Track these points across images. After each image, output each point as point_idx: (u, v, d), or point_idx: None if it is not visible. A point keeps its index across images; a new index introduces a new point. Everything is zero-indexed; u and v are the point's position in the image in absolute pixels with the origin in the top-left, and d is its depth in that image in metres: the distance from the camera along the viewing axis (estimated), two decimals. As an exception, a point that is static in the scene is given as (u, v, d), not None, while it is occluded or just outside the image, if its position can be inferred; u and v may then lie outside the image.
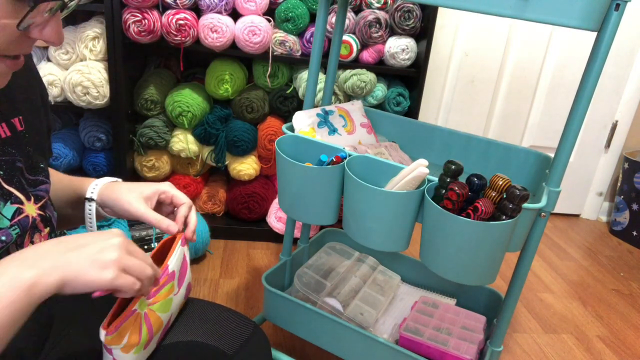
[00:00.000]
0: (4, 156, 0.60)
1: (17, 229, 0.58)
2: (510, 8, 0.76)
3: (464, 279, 0.89)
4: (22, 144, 0.63)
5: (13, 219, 0.58)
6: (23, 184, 0.61)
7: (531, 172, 1.10)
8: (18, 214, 0.59)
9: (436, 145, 1.22)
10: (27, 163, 0.63)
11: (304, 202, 1.02)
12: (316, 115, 1.11)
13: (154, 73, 1.71)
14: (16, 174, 0.61)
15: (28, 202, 0.61)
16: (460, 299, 1.30)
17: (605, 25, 0.76)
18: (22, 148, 0.63)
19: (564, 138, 0.85)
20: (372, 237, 0.94)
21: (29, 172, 0.63)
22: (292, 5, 1.54)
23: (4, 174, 0.59)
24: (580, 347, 1.51)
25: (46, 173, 0.67)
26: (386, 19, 1.60)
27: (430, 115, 2.16)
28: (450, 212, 0.82)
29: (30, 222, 0.61)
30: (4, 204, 0.58)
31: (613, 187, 2.37)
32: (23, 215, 0.60)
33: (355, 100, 1.27)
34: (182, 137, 1.66)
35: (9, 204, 0.59)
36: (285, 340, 1.36)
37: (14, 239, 0.58)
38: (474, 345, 1.06)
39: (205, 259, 1.69)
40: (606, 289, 1.84)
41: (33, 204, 0.62)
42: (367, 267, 1.35)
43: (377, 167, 0.95)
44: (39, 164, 0.66)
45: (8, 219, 0.58)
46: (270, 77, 1.64)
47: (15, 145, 0.62)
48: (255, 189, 1.76)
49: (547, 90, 2.16)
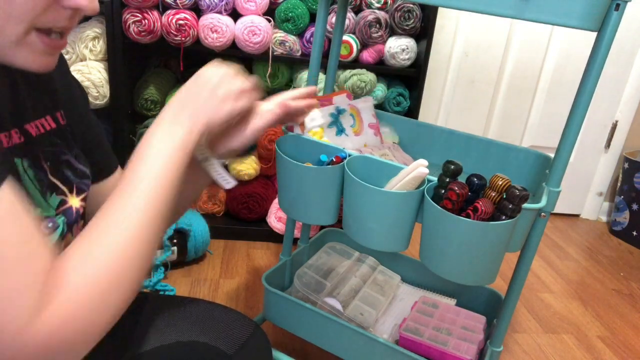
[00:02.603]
0: (50, 147, 0.61)
1: (62, 217, 0.60)
2: (510, 8, 0.76)
3: (464, 279, 0.89)
4: (67, 136, 0.64)
5: (58, 209, 0.59)
6: (69, 176, 0.62)
7: (531, 172, 1.10)
8: (62, 204, 0.60)
9: (436, 145, 1.22)
10: (72, 154, 0.64)
11: (304, 202, 1.02)
12: (329, 116, 1.11)
13: (154, 73, 1.71)
14: (61, 166, 0.62)
15: (71, 194, 0.62)
16: (460, 299, 1.29)
17: (605, 25, 0.76)
18: (67, 140, 0.64)
19: (564, 138, 0.85)
20: (372, 237, 0.94)
21: (78, 161, 0.65)
22: (292, 5, 1.54)
23: (51, 164, 0.60)
24: (580, 347, 1.51)
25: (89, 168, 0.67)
26: (386, 19, 1.60)
27: (430, 115, 2.16)
28: (450, 212, 0.82)
29: (74, 213, 0.62)
30: (50, 194, 0.59)
31: (613, 187, 2.37)
32: (67, 205, 0.61)
33: (367, 97, 1.27)
34: (182, 137, 1.66)
35: (55, 195, 0.60)
36: (285, 340, 1.36)
37: (60, 227, 0.59)
38: (474, 346, 1.06)
39: (205, 259, 1.69)
40: (606, 289, 1.84)
41: (75, 195, 0.63)
42: (367, 267, 1.35)
43: (377, 167, 0.95)
44: (82, 155, 0.67)
45: (54, 208, 0.59)
46: (270, 77, 1.64)
47: (61, 137, 0.63)
48: (255, 189, 1.76)
49: (547, 90, 2.16)
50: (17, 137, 0.57)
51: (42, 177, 0.58)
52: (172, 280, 1.55)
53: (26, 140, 0.58)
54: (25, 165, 0.56)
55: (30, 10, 0.46)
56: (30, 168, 0.57)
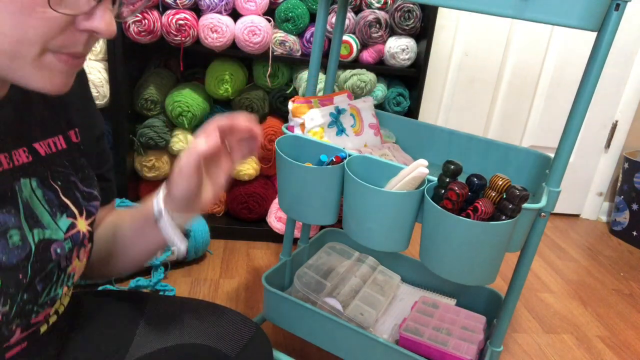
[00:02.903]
0: (61, 168, 0.60)
1: (69, 243, 0.59)
2: (510, 8, 0.76)
3: (464, 279, 0.89)
4: (76, 156, 0.63)
5: (67, 233, 0.58)
6: (78, 198, 0.61)
7: (531, 172, 1.10)
8: (71, 228, 0.59)
9: (436, 145, 1.22)
10: (81, 176, 0.63)
11: (304, 202, 1.02)
12: (329, 115, 1.11)
13: (154, 73, 1.71)
14: (71, 187, 0.61)
15: (80, 217, 0.61)
16: (460, 299, 1.29)
17: (605, 25, 0.76)
18: (75, 161, 0.63)
19: (564, 138, 0.85)
20: (372, 237, 0.94)
21: (84, 184, 0.63)
22: (292, 5, 1.54)
23: (62, 184, 0.60)
24: (580, 347, 1.51)
25: (98, 189, 0.66)
26: (386, 19, 1.60)
27: (430, 115, 2.16)
28: (450, 212, 0.82)
29: (80, 238, 0.61)
30: (60, 215, 0.58)
31: (613, 187, 2.37)
32: (75, 230, 0.60)
33: (367, 97, 1.27)
34: (182, 137, 1.66)
35: (65, 217, 0.59)
36: (285, 340, 1.36)
37: (66, 253, 0.58)
38: (474, 346, 1.06)
39: (205, 259, 1.69)
40: (606, 289, 1.84)
41: (84, 219, 0.62)
42: (367, 267, 1.35)
43: (377, 167, 0.95)
44: (92, 176, 0.66)
45: (63, 231, 0.58)
46: (270, 77, 1.64)
47: (70, 158, 0.62)
48: (255, 189, 1.76)
49: (547, 90, 2.16)
50: (25, 156, 0.56)
51: (52, 197, 0.58)
52: (172, 280, 1.55)
53: (34, 159, 0.57)
54: (33, 185, 0.56)
55: (44, 33, 0.45)
56: (39, 188, 0.56)
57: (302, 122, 1.09)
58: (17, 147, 0.55)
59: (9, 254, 0.51)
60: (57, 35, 0.45)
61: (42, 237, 0.55)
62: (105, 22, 0.47)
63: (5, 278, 0.51)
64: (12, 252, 0.51)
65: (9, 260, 0.51)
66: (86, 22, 0.46)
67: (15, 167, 0.54)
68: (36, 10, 0.43)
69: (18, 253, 0.52)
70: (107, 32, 0.47)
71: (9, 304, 0.52)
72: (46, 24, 0.44)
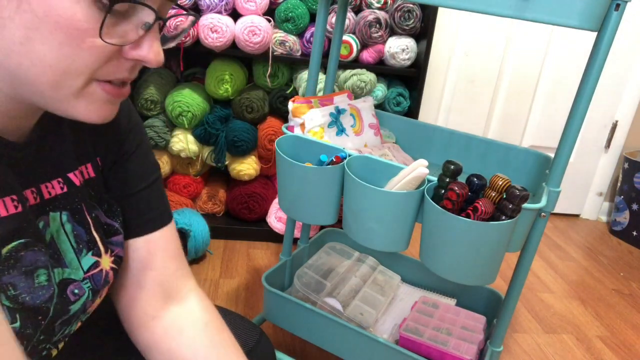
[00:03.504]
0: (90, 200, 0.57)
1: (88, 283, 0.55)
2: (510, 8, 0.76)
3: (464, 279, 0.89)
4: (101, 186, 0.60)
5: (87, 272, 0.55)
6: (102, 234, 0.58)
7: (531, 172, 1.10)
8: (94, 267, 0.56)
9: (436, 145, 1.22)
10: (106, 207, 0.60)
11: (304, 202, 1.02)
12: (329, 115, 1.11)
13: (153, 73, 1.71)
14: (97, 221, 0.58)
15: (105, 254, 0.58)
16: (460, 299, 1.29)
17: (605, 25, 0.76)
18: (101, 191, 0.60)
19: (564, 138, 0.85)
20: (372, 237, 0.94)
21: (107, 215, 0.60)
22: (292, 5, 1.54)
23: (94, 216, 0.57)
24: (580, 347, 1.51)
25: (120, 220, 0.61)
26: (386, 19, 1.59)
27: (430, 115, 2.16)
28: (450, 212, 0.82)
29: (103, 277, 0.57)
30: (85, 252, 0.55)
31: (613, 187, 2.37)
32: (98, 269, 0.56)
33: (367, 97, 1.27)
34: (182, 137, 1.66)
35: (90, 255, 0.56)
36: (285, 340, 1.36)
37: (86, 294, 0.55)
38: (473, 346, 1.06)
39: (205, 259, 1.69)
40: (606, 289, 1.84)
41: (108, 256, 0.58)
42: (367, 267, 1.35)
43: (377, 167, 0.95)
44: (116, 207, 0.61)
45: (84, 270, 0.55)
46: (270, 77, 1.64)
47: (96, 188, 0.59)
48: (255, 189, 1.76)
49: (547, 90, 2.16)
50: (60, 187, 0.53)
51: (82, 232, 0.55)
52: (172, 280, 1.55)
53: (69, 189, 0.54)
54: (64, 219, 0.53)
55: (92, 62, 0.42)
56: (68, 222, 0.54)
57: (302, 122, 1.09)
58: (49, 179, 0.53)
59: (33, 294, 0.48)
60: (104, 65, 0.43)
61: (62, 277, 0.52)
62: (154, 51, 0.45)
63: (25, 319, 0.48)
64: (36, 292, 0.48)
65: (32, 300, 0.48)
66: (134, 51, 0.44)
67: (44, 200, 0.52)
68: (85, 41, 0.41)
69: (42, 294, 0.49)
70: (155, 61, 0.45)
71: (24, 345, 0.49)
72: (94, 55, 0.42)
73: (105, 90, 0.45)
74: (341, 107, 1.14)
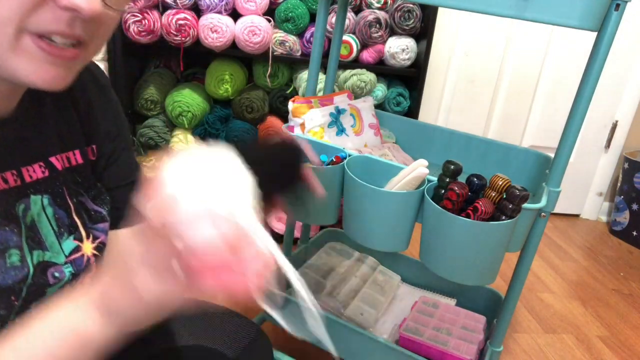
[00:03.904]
0: (74, 185, 0.57)
1: (70, 267, 0.55)
2: (510, 8, 0.76)
3: (464, 279, 0.89)
4: (89, 173, 0.60)
5: (69, 256, 0.55)
6: (85, 219, 0.58)
7: (531, 172, 1.10)
8: (75, 251, 0.56)
9: (436, 145, 1.22)
10: (93, 193, 0.60)
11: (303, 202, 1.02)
12: (329, 115, 1.11)
13: (154, 73, 1.71)
14: (81, 207, 0.58)
15: (87, 240, 0.58)
16: (460, 299, 1.29)
17: (605, 25, 0.76)
18: (89, 178, 0.60)
19: (564, 138, 0.85)
20: (372, 237, 0.94)
21: (95, 202, 0.60)
22: (292, 5, 1.54)
23: (76, 202, 0.57)
24: (580, 347, 1.51)
25: (108, 209, 0.61)
26: (386, 19, 1.59)
27: (430, 115, 2.16)
28: (450, 212, 0.82)
29: (84, 262, 0.57)
30: (67, 236, 0.55)
31: (613, 187, 2.37)
32: (79, 254, 0.56)
33: (367, 97, 1.27)
34: (182, 137, 1.66)
35: (72, 239, 0.56)
36: (285, 340, 1.36)
37: (67, 278, 0.55)
38: (473, 346, 1.06)
39: (205, 259, 1.69)
40: (606, 289, 1.84)
41: (90, 242, 0.58)
42: (367, 267, 1.35)
43: (377, 167, 0.95)
44: (105, 195, 0.62)
45: (65, 255, 0.55)
46: (270, 77, 1.64)
47: (83, 175, 0.59)
48: (255, 189, 1.76)
49: (547, 90, 2.16)
50: (41, 170, 0.53)
51: (63, 216, 0.55)
52: (172, 280, 1.55)
53: (51, 174, 0.55)
54: (45, 202, 0.53)
55: (17, 7, 0.39)
56: (50, 206, 0.54)
57: (302, 122, 1.09)
58: (30, 162, 0.53)
59: (5, 274, 0.48)
60: (32, 11, 0.40)
61: (42, 259, 0.52)
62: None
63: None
64: (8, 272, 0.48)
65: (3, 280, 0.48)
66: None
67: (25, 183, 0.52)
68: None
69: (15, 274, 0.49)
70: (88, 9, 0.40)
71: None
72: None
73: (41, 47, 0.42)
74: (341, 107, 1.14)
